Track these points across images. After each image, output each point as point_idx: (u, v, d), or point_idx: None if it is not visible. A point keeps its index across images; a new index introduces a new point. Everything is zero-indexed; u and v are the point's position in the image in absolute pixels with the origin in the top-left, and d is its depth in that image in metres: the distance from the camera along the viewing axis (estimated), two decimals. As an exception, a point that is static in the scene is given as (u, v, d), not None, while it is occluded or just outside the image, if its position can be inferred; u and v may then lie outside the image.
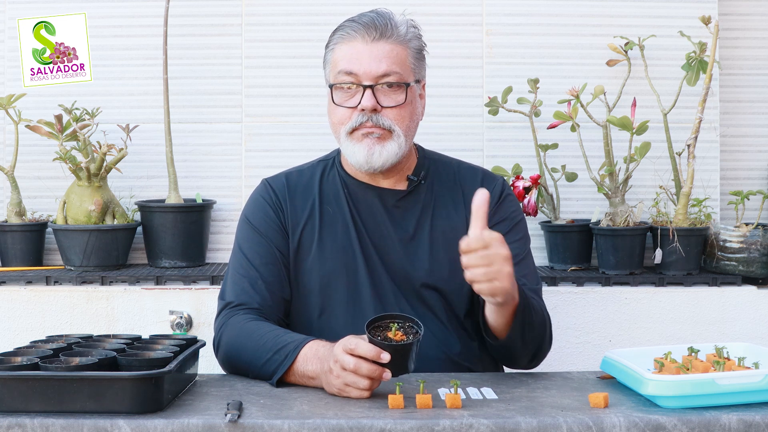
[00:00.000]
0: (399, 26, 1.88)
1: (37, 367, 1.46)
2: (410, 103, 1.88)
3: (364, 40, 1.85)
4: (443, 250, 1.91)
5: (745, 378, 1.48)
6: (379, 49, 1.85)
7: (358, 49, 1.85)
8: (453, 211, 1.94)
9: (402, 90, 1.86)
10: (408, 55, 1.88)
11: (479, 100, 2.88)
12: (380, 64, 1.84)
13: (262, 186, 1.99)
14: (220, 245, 2.88)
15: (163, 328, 2.56)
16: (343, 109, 1.87)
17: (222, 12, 2.87)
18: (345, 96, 1.87)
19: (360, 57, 1.84)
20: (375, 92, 1.84)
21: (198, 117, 2.87)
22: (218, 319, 1.86)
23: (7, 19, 2.84)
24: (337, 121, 1.88)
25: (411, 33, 1.90)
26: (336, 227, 1.92)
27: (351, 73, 1.85)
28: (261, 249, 1.90)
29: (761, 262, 2.66)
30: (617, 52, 2.78)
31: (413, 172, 1.96)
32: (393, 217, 1.92)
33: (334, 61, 1.89)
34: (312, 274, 1.90)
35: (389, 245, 1.90)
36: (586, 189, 2.84)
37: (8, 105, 2.69)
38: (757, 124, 2.97)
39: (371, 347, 1.54)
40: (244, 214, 1.97)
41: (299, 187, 1.96)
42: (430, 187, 1.96)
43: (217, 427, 1.39)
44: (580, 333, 2.62)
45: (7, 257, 2.74)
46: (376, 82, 1.84)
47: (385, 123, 1.85)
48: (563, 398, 1.55)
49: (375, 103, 1.84)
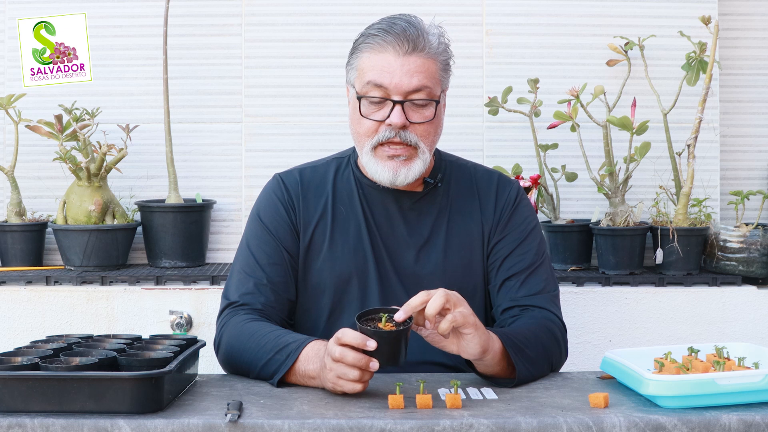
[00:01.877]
0: (431, 38, 1.81)
1: (37, 367, 1.46)
2: (437, 118, 1.84)
3: (396, 52, 1.78)
4: (457, 255, 1.89)
5: (745, 378, 1.48)
6: (411, 63, 1.78)
7: (389, 61, 1.79)
8: (468, 215, 1.92)
9: (431, 106, 1.82)
10: (438, 68, 1.83)
11: (479, 100, 2.88)
12: (411, 80, 1.78)
13: (275, 182, 1.95)
14: (220, 245, 2.88)
15: (163, 328, 2.56)
16: (369, 122, 1.81)
17: (222, 12, 2.87)
18: (372, 108, 1.82)
19: (391, 70, 1.78)
20: (404, 108, 1.79)
21: (198, 117, 2.87)
22: (220, 318, 1.85)
23: (7, 19, 2.84)
24: (363, 133, 1.83)
25: (442, 46, 1.84)
26: (348, 228, 1.89)
27: (380, 86, 1.79)
28: (269, 248, 1.88)
29: (761, 262, 2.66)
30: (617, 52, 2.78)
31: (430, 174, 1.93)
32: (408, 220, 1.90)
33: (360, 69, 1.83)
34: (322, 274, 1.88)
35: (402, 248, 1.89)
36: (586, 189, 2.84)
37: (8, 105, 2.69)
38: (757, 124, 2.97)
39: (356, 334, 1.53)
40: (256, 210, 1.94)
41: (312, 185, 1.93)
42: (446, 190, 1.94)
43: (217, 427, 1.39)
44: (580, 333, 2.62)
45: (7, 257, 2.74)
46: (407, 98, 1.79)
47: (411, 139, 1.80)
48: (563, 398, 1.55)
49: (404, 120, 1.79)
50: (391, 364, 1.56)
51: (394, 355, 1.55)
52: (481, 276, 1.91)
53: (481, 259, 1.91)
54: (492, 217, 1.92)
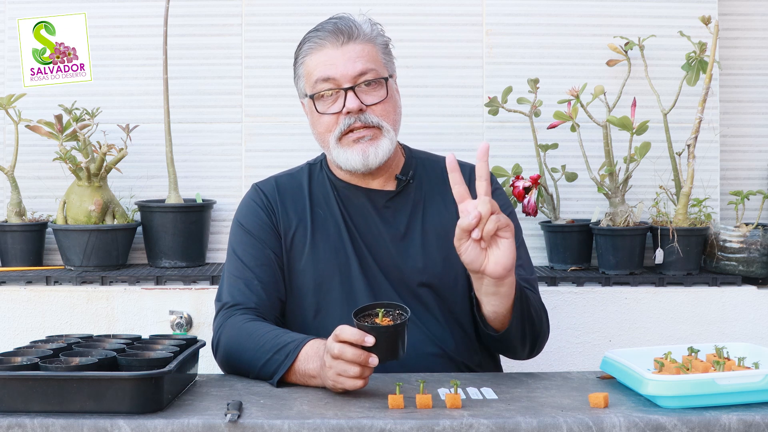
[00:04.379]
0: (362, 26, 1.90)
1: (37, 367, 1.46)
2: (392, 97, 1.90)
3: (333, 45, 1.87)
4: (436, 247, 1.92)
5: (745, 378, 1.48)
6: (351, 51, 1.86)
7: (330, 54, 1.87)
8: (443, 208, 1.95)
9: (381, 85, 1.88)
10: (377, 51, 1.91)
11: (479, 100, 2.88)
12: (355, 65, 1.86)
13: (253, 190, 2.00)
14: (220, 245, 2.88)
15: (163, 328, 2.56)
16: (328, 116, 1.88)
17: (222, 12, 2.87)
18: (327, 103, 1.88)
19: (334, 62, 1.86)
20: (357, 93, 1.86)
21: (198, 117, 2.87)
22: (216, 320, 1.87)
23: (7, 19, 2.84)
24: (324, 130, 1.89)
25: (375, 30, 1.92)
26: (328, 229, 1.93)
27: (329, 79, 1.86)
28: (255, 251, 1.91)
29: (761, 262, 2.66)
30: (617, 52, 2.78)
31: (401, 171, 1.97)
32: (384, 217, 1.93)
33: (307, 73, 1.90)
34: (305, 275, 1.91)
35: (381, 245, 1.91)
36: (586, 189, 2.84)
37: (8, 105, 2.69)
38: (757, 124, 2.97)
39: (354, 331, 1.54)
40: (237, 219, 1.99)
41: (289, 191, 1.97)
42: (419, 185, 1.97)
43: (217, 427, 1.39)
44: (580, 333, 2.62)
45: (7, 257, 2.74)
46: (356, 83, 1.86)
47: (373, 120, 1.86)
48: (563, 398, 1.55)
49: (359, 104, 1.85)
50: (390, 359, 1.56)
51: (393, 350, 1.56)
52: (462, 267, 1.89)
53: None
54: None
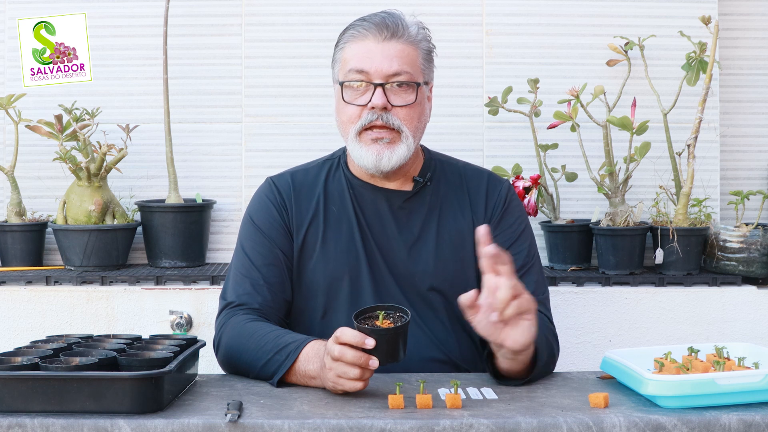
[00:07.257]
0: (410, 27, 1.88)
1: (37, 367, 1.46)
2: (419, 104, 1.88)
3: (375, 39, 1.85)
4: (448, 252, 1.90)
5: (745, 378, 1.48)
6: (391, 48, 1.85)
7: (370, 47, 1.85)
8: (459, 213, 1.93)
9: (412, 90, 1.86)
10: (418, 55, 1.88)
11: (479, 100, 2.88)
12: (392, 63, 1.84)
13: (267, 185, 1.98)
14: (220, 245, 2.88)
15: (163, 328, 2.56)
16: (352, 107, 1.86)
17: (222, 12, 2.87)
18: (355, 94, 1.86)
19: (371, 55, 1.84)
20: (385, 91, 1.84)
21: (198, 117, 2.87)
22: (219, 319, 1.86)
23: (7, 19, 2.84)
24: (346, 119, 1.88)
25: (421, 34, 1.90)
26: (340, 228, 1.91)
27: (362, 71, 1.84)
28: (264, 250, 1.90)
29: (761, 262, 2.66)
30: (617, 52, 2.78)
31: (419, 173, 1.95)
32: (398, 218, 1.92)
33: (344, 60, 1.88)
34: (316, 274, 1.90)
35: (393, 247, 1.90)
36: (586, 189, 2.84)
37: (8, 105, 2.69)
38: (757, 124, 2.97)
39: (355, 333, 1.54)
40: (248, 213, 1.97)
41: (304, 187, 1.95)
42: (436, 188, 1.95)
43: (217, 427, 1.39)
44: (580, 333, 2.62)
45: (7, 257, 2.74)
46: (387, 81, 1.84)
47: (394, 122, 1.84)
48: (563, 398, 1.55)
49: (386, 102, 1.83)
50: (390, 361, 1.56)
51: (393, 352, 1.56)
52: (474, 273, 1.90)
53: (472, 257, 1.90)
54: (483, 216, 1.93)
